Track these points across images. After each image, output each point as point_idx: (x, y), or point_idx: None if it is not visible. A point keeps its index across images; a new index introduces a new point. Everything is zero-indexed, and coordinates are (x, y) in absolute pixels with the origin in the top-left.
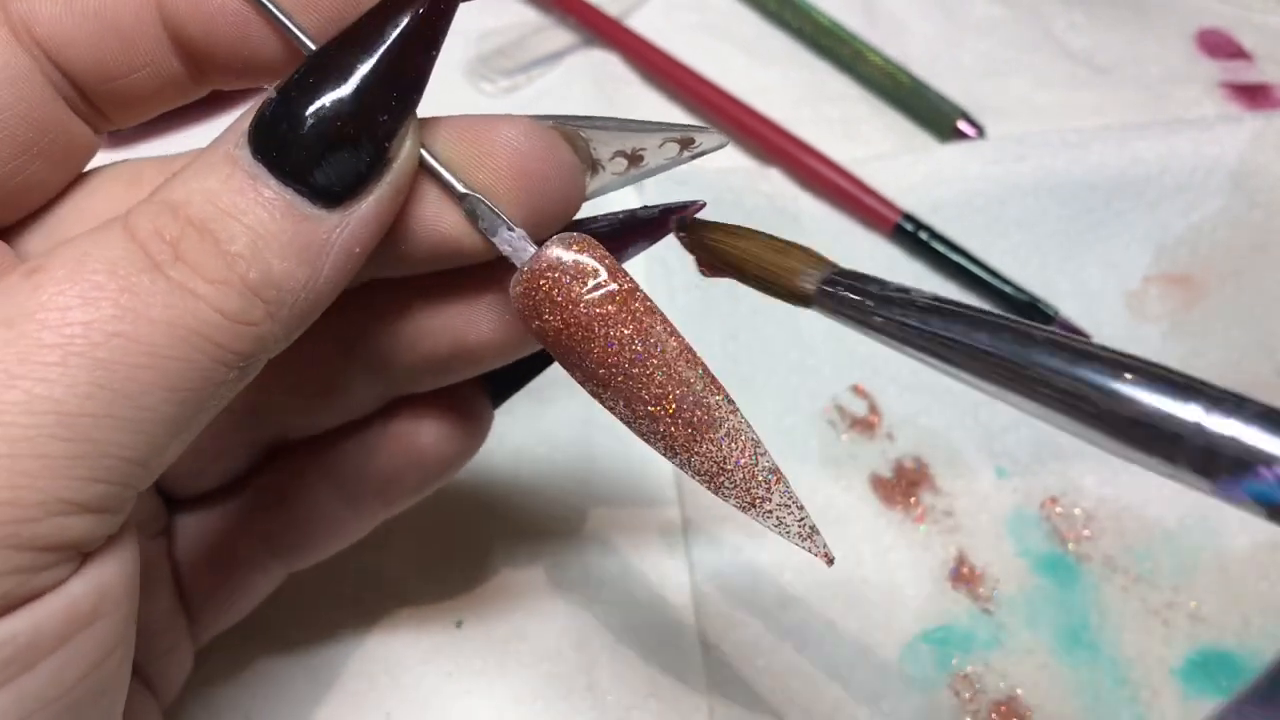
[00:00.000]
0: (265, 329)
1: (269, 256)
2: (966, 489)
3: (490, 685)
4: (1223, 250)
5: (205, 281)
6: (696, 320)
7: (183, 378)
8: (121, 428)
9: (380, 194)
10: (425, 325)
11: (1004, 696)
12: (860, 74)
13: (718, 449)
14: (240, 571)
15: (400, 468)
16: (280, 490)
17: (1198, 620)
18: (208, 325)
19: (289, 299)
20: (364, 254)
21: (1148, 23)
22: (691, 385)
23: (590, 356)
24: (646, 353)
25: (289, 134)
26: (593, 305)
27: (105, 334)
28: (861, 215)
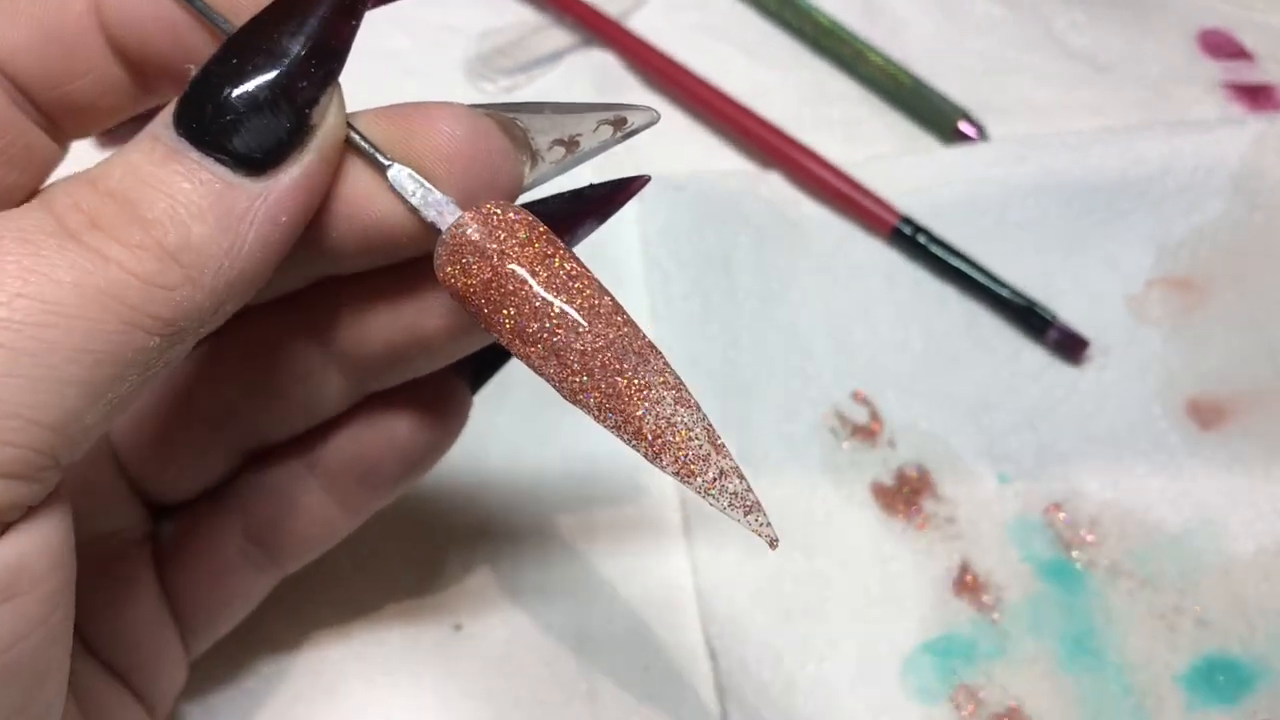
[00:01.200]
0: (185, 294)
1: (188, 221)
2: (969, 496)
3: (490, 688)
4: (1224, 253)
5: (119, 245)
6: (696, 327)
7: (92, 339)
8: (26, 388)
9: (305, 161)
10: (380, 318)
11: (1006, 709)
12: (861, 74)
13: (653, 411)
14: (228, 574)
15: (380, 456)
16: (261, 486)
17: (1202, 626)
18: (118, 286)
19: (210, 265)
20: (291, 225)
21: (1149, 23)
22: (623, 341)
23: (520, 312)
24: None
25: (209, 105)
26: (520, 259)
27: (8, 294)
28: (860, 218)
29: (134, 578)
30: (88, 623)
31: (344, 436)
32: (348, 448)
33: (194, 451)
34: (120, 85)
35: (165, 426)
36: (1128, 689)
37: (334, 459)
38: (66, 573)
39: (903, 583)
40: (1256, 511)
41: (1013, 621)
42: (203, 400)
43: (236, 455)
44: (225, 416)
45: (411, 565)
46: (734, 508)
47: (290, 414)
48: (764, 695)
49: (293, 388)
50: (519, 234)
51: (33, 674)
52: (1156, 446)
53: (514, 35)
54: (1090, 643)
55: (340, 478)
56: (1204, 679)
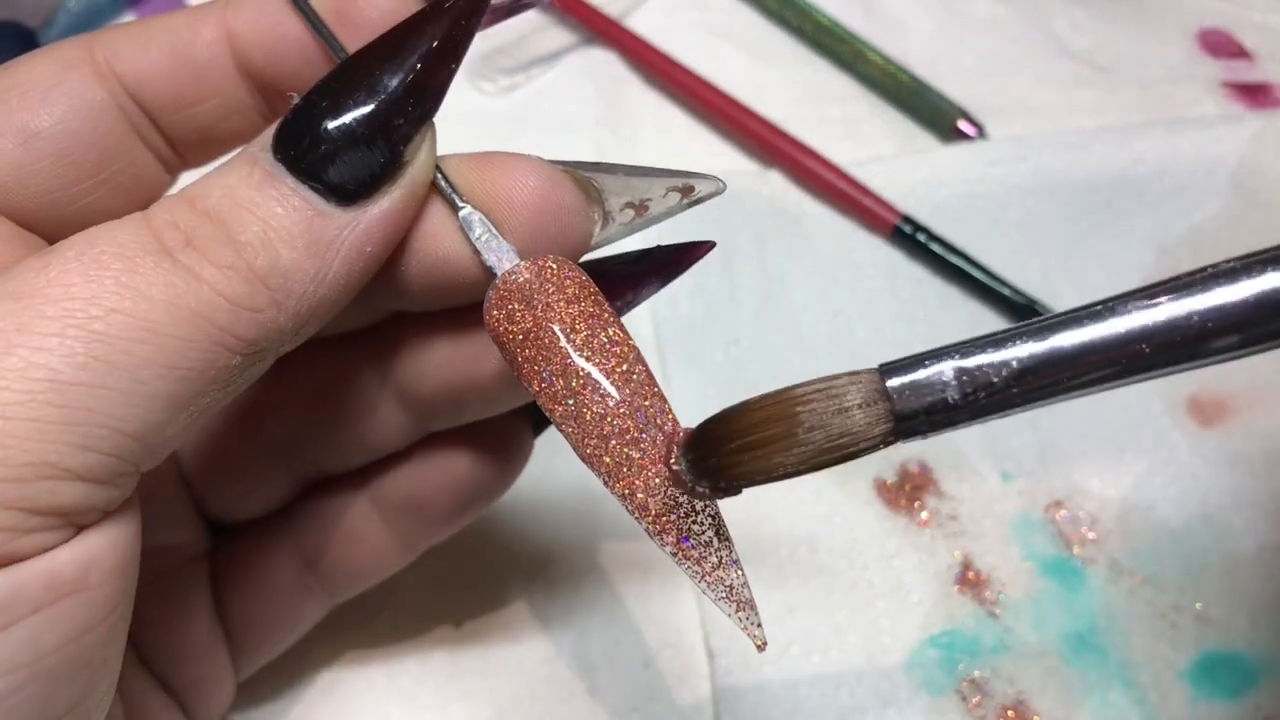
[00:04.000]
0: (269, 316)
1: (278, 246)
2: (971, 493)
3: (490, 687)
4: (1224, 251)
5: (212, 266)
6: (699, 326)
7: (181, 356)
8: (116, 399)
9: (394, 196)
10: (439, 359)
11: (1012, 701)
12: (861, 73)
13: (663, 489)
14: (281, 597)
15: (437, 492)
16: (321, 513)
17: (1204, 622)
18: (209, 307)
19: (296, 290)
20: (375, 255)
21: (1149, 22)
22: (648, 414)
23: (551, 367)
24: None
25: (307, 134)
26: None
27: (104, 309)
28: (861, 217)
29: (190, 593)
30: (142, 633)
31: (404, 471)
32: (406, 482)
33: (256, 475)
34: (244, 109)
35: (231, 448)
36: (1131, 684)
37: (392, 492)
38: (130, 576)
39: (906, 578)
40: (1257, 508)
41: (1015, 618)
42: (269, 426)
43: (298, 482)
44: (289, 443)
45: (411, 565)
46: (727, 601)
47: (352, 446)
48: (765, 691)
49: (355, 420)
50: (568, 290)
51: (90, 669)
52: (1158, 444)
53: (513, 34)
54: (1093, 639)
55: (397, 511)
56: (1207, 674)
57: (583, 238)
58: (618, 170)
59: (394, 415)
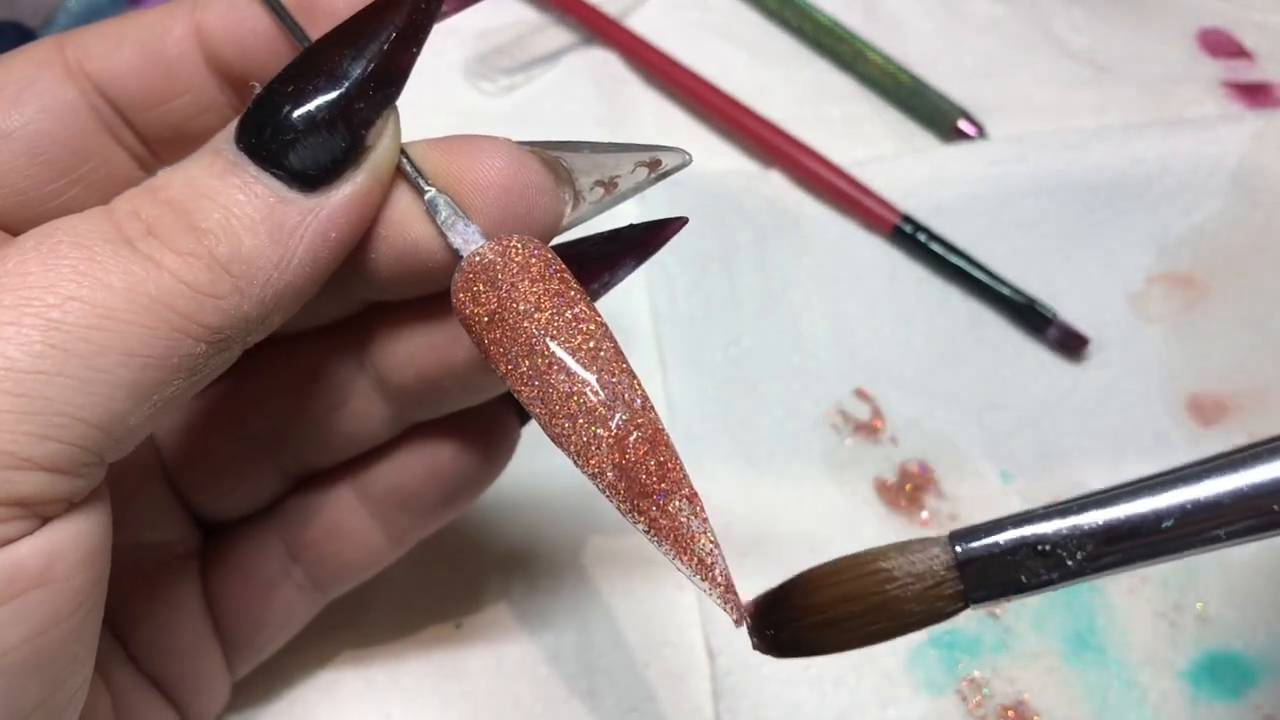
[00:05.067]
0: (233, 304)
1: (240, 233)
2: (971, 493)
3: (490, 687)
4: (1225, 250)
5: (173, 253)
6: (698, 325)
7: (142, 343)
8: (75, 387)
9: (357, 181)
10: (414, 346)
11: (1012, 701)
12: (861, 73)
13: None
14: (270, 593)
15: (423, 484)
16: (307, 509)
17: (1204, 622)
18: (170, 294)
19: (259, 277)
20: (341, 241)
21: (1148, 22)
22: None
23: (517, 348)
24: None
25: (268, 121)
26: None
27: (61, 296)
28: (861, 217)
29: (179, 590)
30: (133, 631)
31: (389, 463)
32: (391, 475)
33: (240, 471)
34: (216, 105)
35: (213, 445)
36: (1131, 684)
37: (378, 485)
38: (99, 570)
39: None
40: None
41: (1016, 618)
42: (250, 421)
43: (283, 478)
44: (271, 438)
45: (411, 565)
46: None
47: (334, 440)
48: (766, 690)
49: (335, 412)
50: (532, 269)
51: (57, 665)
52: (1158, 443)
53: (513, 34)
54: (1093, 639)
55: (384, 503)
56: (1207, 674)
57: (552, 218)
58: (583, 148)
59: (374, 407)
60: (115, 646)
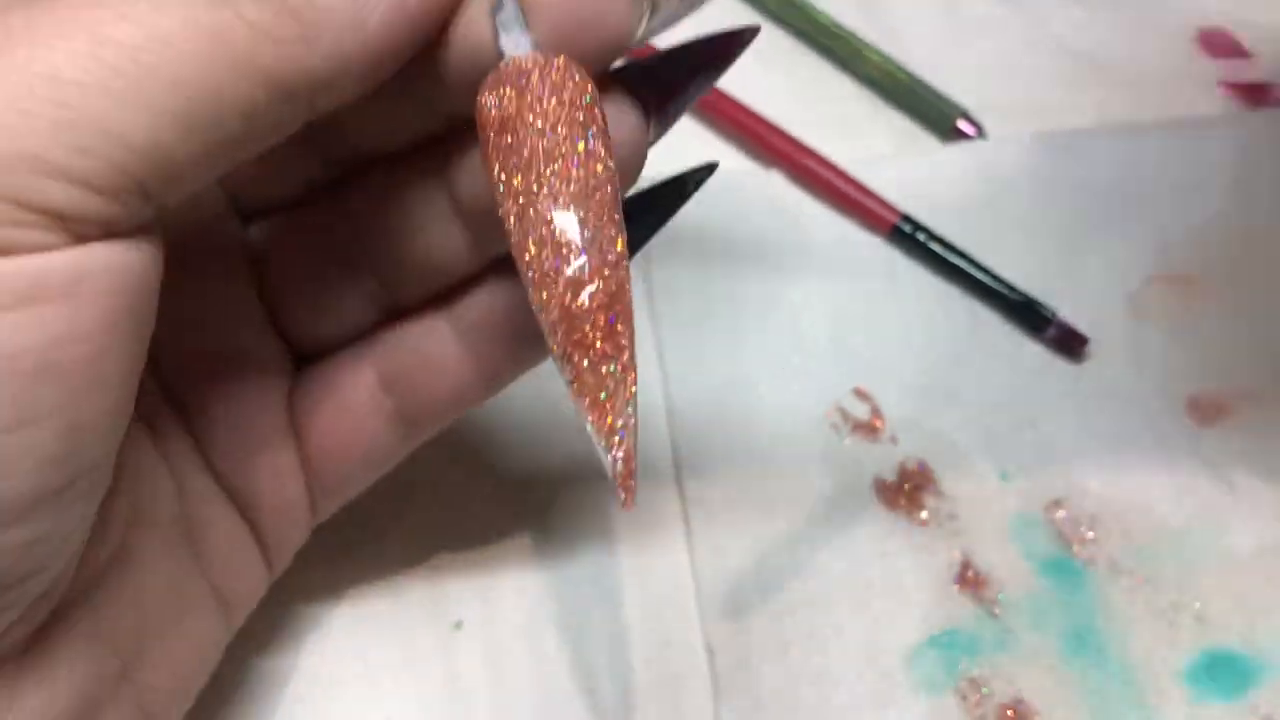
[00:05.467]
0: (297, 52)
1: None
2: (970, 492)
3: (490, 687)
4: (1224, 250)
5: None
6: (697, 325)
7: (193, 72)
8: (117, 105)
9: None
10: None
11: (1011, 700)
12: (860, 73)
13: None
14: (358, 422)
15: (510, 313)
16: (401, 338)
17: (1203, 621)
18: (228, 28)
19: (329, 30)
20: (421, 14)
21: (1148, 21)
22: (596, 231)
23: (515, 159)
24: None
25: None
26: (545, 112)
27: (116, 15)
28: (861, 217)
29: (265, 403)
30: (211, 435)
31: (479, 292)
32: (483, 301)
33: (330, 291)
34: None
35: (303, 261)
36: (1130, 684)
37: (469, 312)
38: (134, 302)
39: (905, 578)
40: (1256, 508)
41: (1014, 617)
42: (338, 240)
43: (374, 307)
44: (360, 260)
45: (412, 564)
46: (603, 439)
47: (418, 265)
48: (765, 688)
49: (417, 236)
50: (565, 91)
51: (75, 380)
52: (1157, 443)
53: None
54: (1092, 639)
55: (474, 332)
56: (1206, 674)
57: (621, 29)
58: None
59: (454, 232)
60: (193, 453)
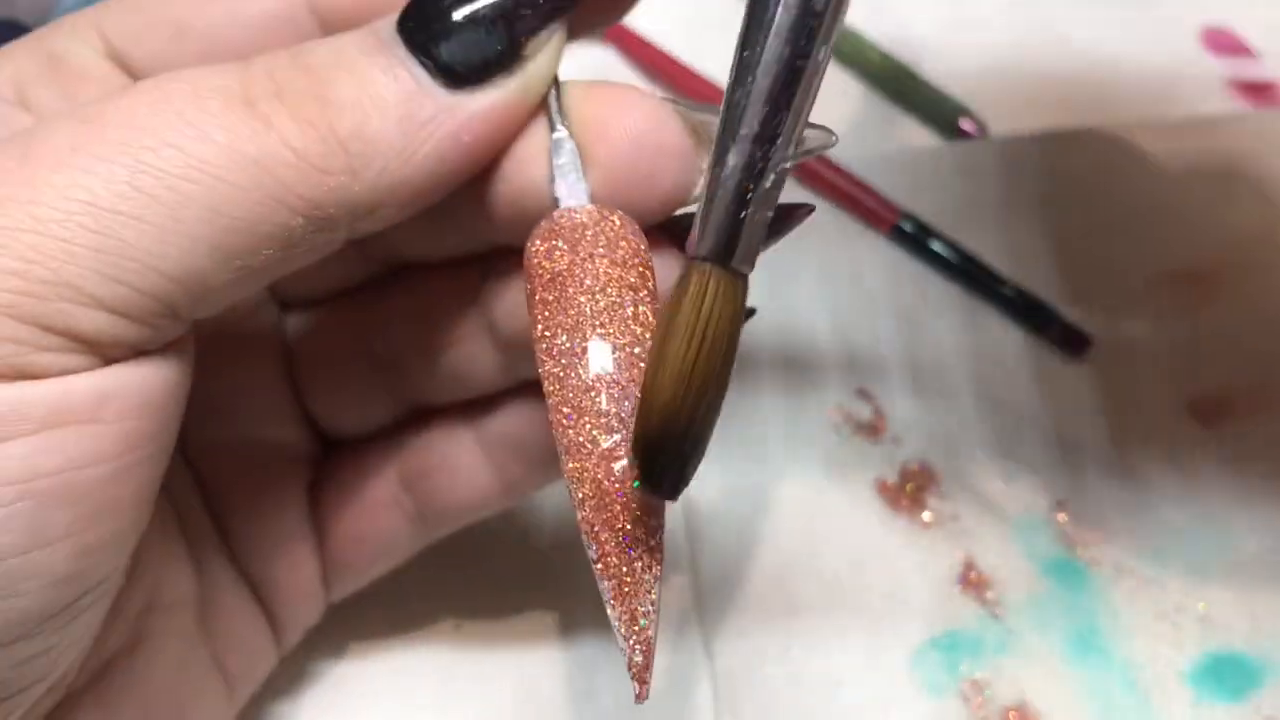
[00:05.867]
0: (341, 183)
1: (369, 111)
2: (974, 493)
3: (489, 687)
4: (1229, 250)
5: (290, 118)
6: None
7: (231, 203)
8: (153, 235)
9: (505, 89)
10: (518, 298)
11: (1014, 702)
12: (862, 71)
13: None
14: (376, 515)
15: (534, 435)
16: (426, 439)
17: (1207, 623)
18: (272, 158)
19: (377, 162)
20: (473, 149)
21: (1152, 19)
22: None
23: (562, 318)
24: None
25: (430, 8)
26: (596, 273)
27: (159, 141)
28: (862, 216)
29: (286, 491)
30: (232, 523)
31: (507, 409)
32: (508, 420)
33: (360, 388)
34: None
35: (337, 356)
36: (1133, 685)
37: (494, 427)
38: (157, 422)
39: (908, 579)
40: (1260, 509)
41: (1018, 619)
42: (372, 340)
43: (400, 405)
44: (391, 362)
45: (412, 565)
46: (624, 626)
47: (448, 376)
48: (767, 690)
49: (450, 349)
50: (619, 250)
51: (91, 503)
52: (1160, 444)
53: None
54: (1095, 640)
55: (498, 445)
56: (1210, 675)
57: (682, 185)
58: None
59: (486, 351)
60: (213, 534)
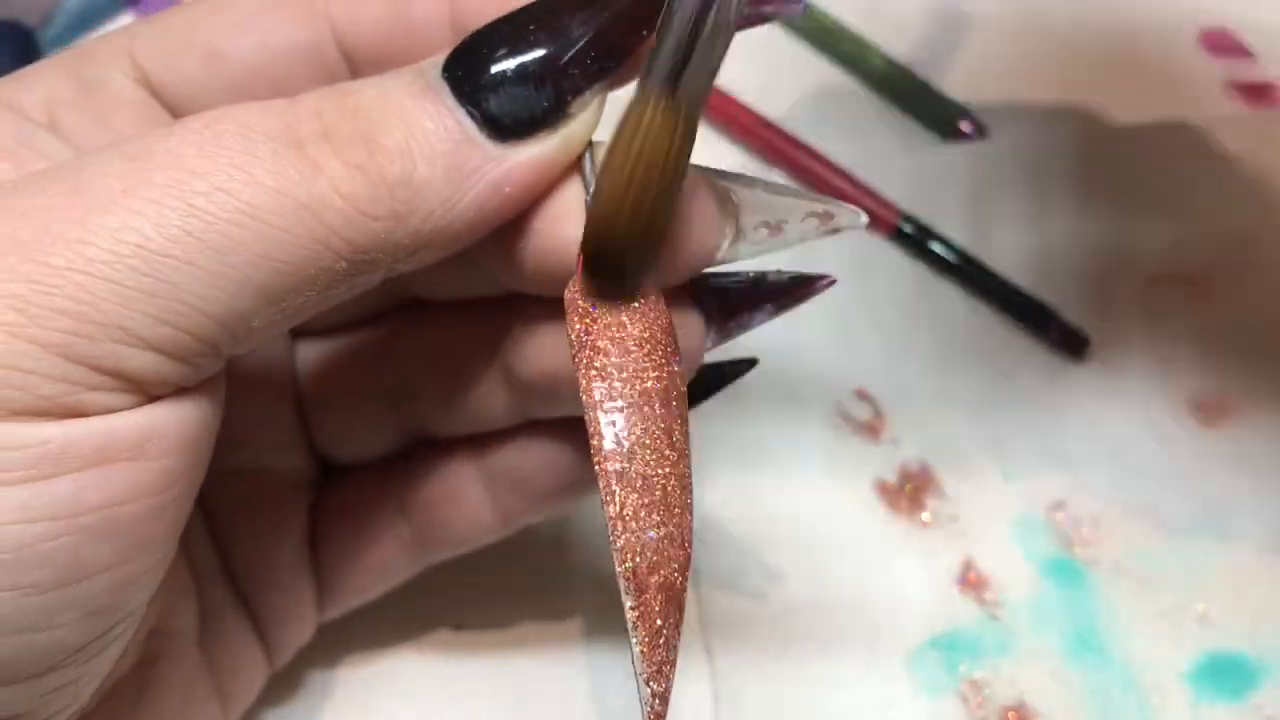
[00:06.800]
0: (386, 228)
1: (417, 158)
2: (973, 494)
3: (490, 688)
4: (1229, 250)
5: (339, 162)
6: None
7: (280, 248)
8: (201, 279)
9: (547, 144)
10: (540, 344)
11: (1013, 702)
12: (862, 72)
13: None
14: (374, 542)
15: (538, 472)
16: (428, 470)
17: (1206, 623)
18: (320, 203)
19: (422, 208)
20: (513, 199)
21: (1150, 21)
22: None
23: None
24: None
25: (480, 58)
26: (624, 346)
27: (210, 185)
28: None
29: (287, 517)
30: (234, 547)
31: (511, 445)
32: (512, 456)
33: (367, 419)
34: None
35: (347, 387)
36: (1132, 685)
37: (498, 462)
38: (196, 458)
39: (907, 579)
40: (1260, 509)
41: (1016, 619)
42: (384, 373)
43: (404, 436)
44: (401, 395)
45: None
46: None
47: (457, 413)
48: (766, 690)
49: (462, 388)
50: (647, 343)
51: (132, 538)
52: (1159, 444)
53: None
54: (1094, 640)
55: (500, 482)
56: (1209, 676)
57: (709, 248)
58: (757, 185)
59: (498, 391)
60: (215, 559)
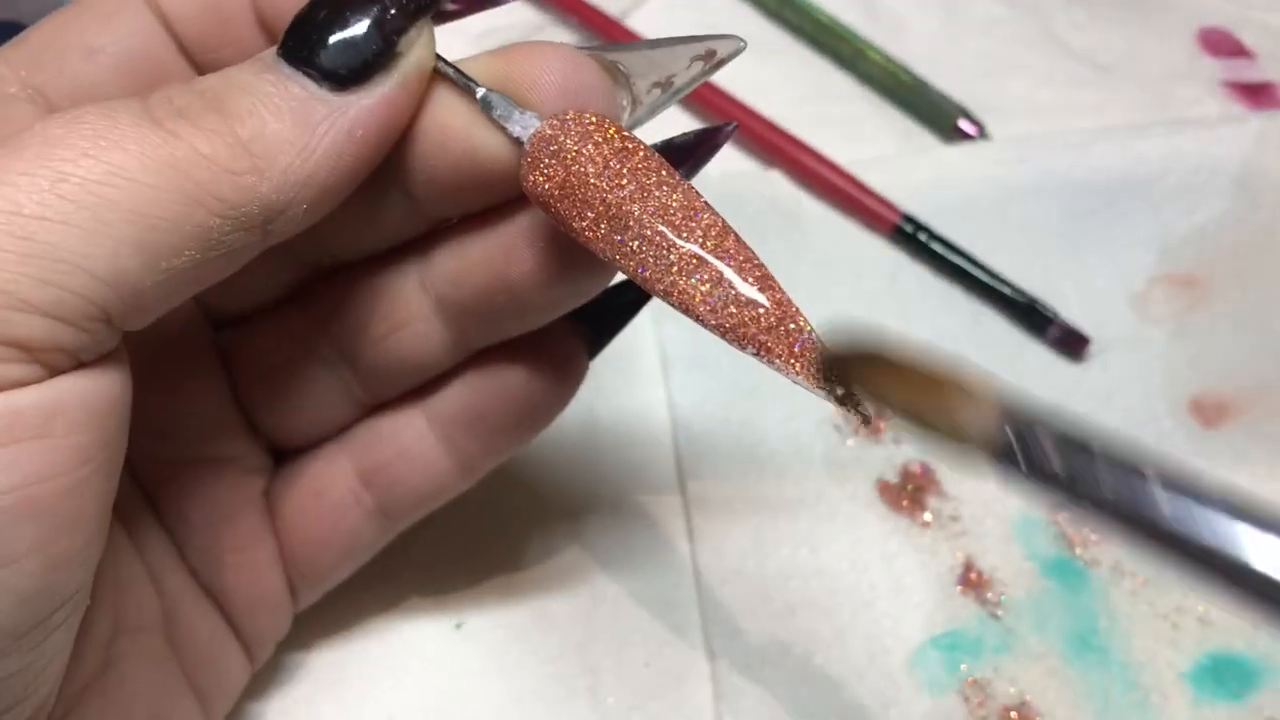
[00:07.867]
0: (250, 182)
1: (265, 117)
2: (973, 493)
3: (491, 687)
4: (1228, 251)
5: (194, 128)
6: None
7: (152, 204)
8: (80, 237)
9: (387, 84)
10: (472, 262)
11: (1014, 702)
12: (861, 72)
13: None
14: (337, 516)
15: (491, 406)
16: (378, 432)
17: (1207, 624)
18: (185, 162)
19: (280, 160)
20: (369, 142)
21: (1149, 21)
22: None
23: (591, 210)
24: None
25: (306, 26)
26: (593, 158)
27: (77, 152)
28: (862, 217)
29: (241, 504)
30: (189, 539)
31: (457, 385)
32: (460, 395)
33: (307, 392)
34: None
35: (280, 364)
36: (1133, 685)
37: (446, 405)
38: (105, 434)
39: (908, 579)
40: None
41: (1017, 619)
42: (315, 342)
43: (352, 405)
44: (337, 361)
45: (411, 565)
46: (809, 378)
47: (397, 363)
48: (767, 689)
49: (397, 334)
50: (594, 135)
51: (53, 517)
52: (1159, 444)
53: (514, 35)
54: (1095, 640)
55: (451, 425)
56: (1210, 676)
57: (609, 110)
58: (639, 47)
59: (434, 329)
60: (170, 554)
